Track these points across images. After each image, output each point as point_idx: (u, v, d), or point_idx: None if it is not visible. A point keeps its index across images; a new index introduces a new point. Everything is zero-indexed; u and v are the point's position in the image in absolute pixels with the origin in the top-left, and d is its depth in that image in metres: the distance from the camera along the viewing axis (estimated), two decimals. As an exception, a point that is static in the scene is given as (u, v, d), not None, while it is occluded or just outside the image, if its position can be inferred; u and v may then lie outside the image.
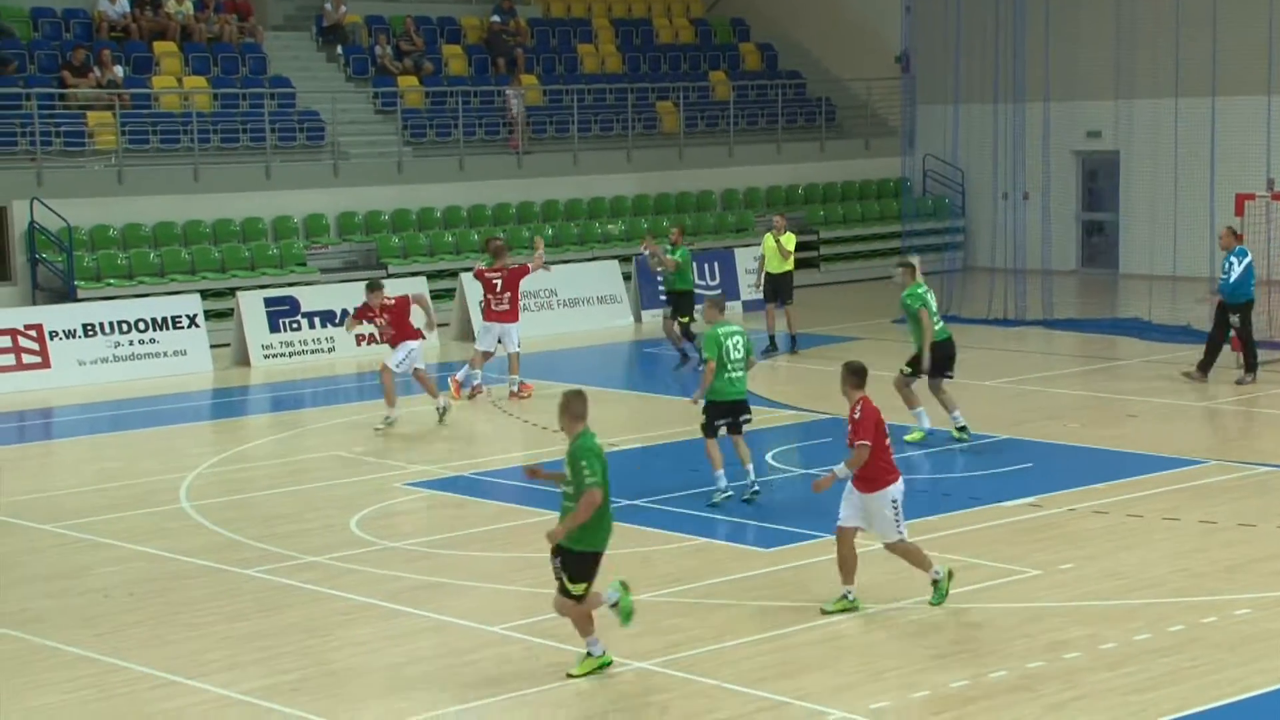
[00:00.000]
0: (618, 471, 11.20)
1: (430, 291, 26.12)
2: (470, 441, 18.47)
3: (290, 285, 26.07)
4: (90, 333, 23.14)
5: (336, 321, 24.91)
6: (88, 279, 25.39)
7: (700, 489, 14.86)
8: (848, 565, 11.27)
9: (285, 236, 27.86)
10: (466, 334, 26.00)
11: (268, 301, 24.75)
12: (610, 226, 30.70)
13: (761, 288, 23.91)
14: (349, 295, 25.62)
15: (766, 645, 10.77)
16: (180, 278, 26.08)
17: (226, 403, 21.89)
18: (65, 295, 25.00)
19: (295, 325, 24.82)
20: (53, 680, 10.35)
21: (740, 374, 14.45)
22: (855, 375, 11.41)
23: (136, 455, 17.87)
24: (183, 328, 23.90)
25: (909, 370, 16.80)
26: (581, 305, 27.40)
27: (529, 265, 20.83)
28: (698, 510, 14.35)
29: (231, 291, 25.40)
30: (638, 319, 27.56)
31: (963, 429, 16.76)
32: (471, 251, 29.05)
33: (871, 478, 11.19)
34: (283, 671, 10.45)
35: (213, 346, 23.97)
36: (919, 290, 16.71)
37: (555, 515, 10.44)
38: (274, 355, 24.28)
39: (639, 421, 18.98)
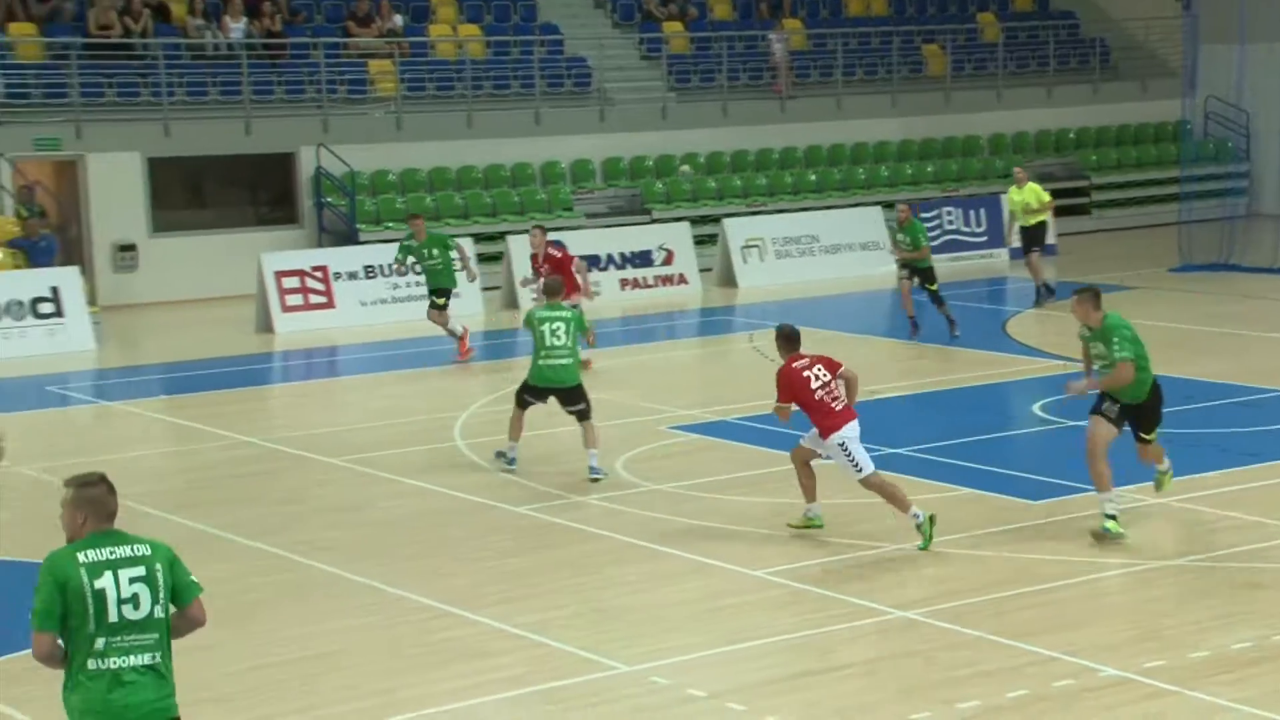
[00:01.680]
0: (882, 421, 11.26)
1: (694, 237, 26.45)
2: (732, 386, 18.68)
3: (557, 229, 26.64)
4: (371, 274, 24.06)
5: (601, 266, 25.38)
6: (368, 222, 26.38)
7: (966, 438, 14.82)
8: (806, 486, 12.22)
9: (553, 181, 28.45)
10: (728, 280, 26.24)
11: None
12: (874, 172, 30.50)
13: (1017, 239, 23.58)
14: (614, 240, 26.08)
15: (1032, 598, 10.73)
16: (454, 221, 26.89)
17: (497, 344, 22.52)
18: (348, 238, 26.05)
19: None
20: (344, 607, 10.94)
21: (565, 360, 14.06)
22: (785, 340, 12.29)
23: (414, 393, 18.60)
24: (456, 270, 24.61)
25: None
26: (843, 251, 27.31)
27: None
28: (964, 460, 14.31)
29: (501, 235, 26.09)
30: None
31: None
32: (734, 197, 29.23)
33: (820, 427, 11.97)
34: (555, 607, 10.85)
35: (483, 289, 24.67)
36: None
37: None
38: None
39: (900, 370, 18.93)
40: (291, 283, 23.47)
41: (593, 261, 25.57)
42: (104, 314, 23.00)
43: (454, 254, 20.36)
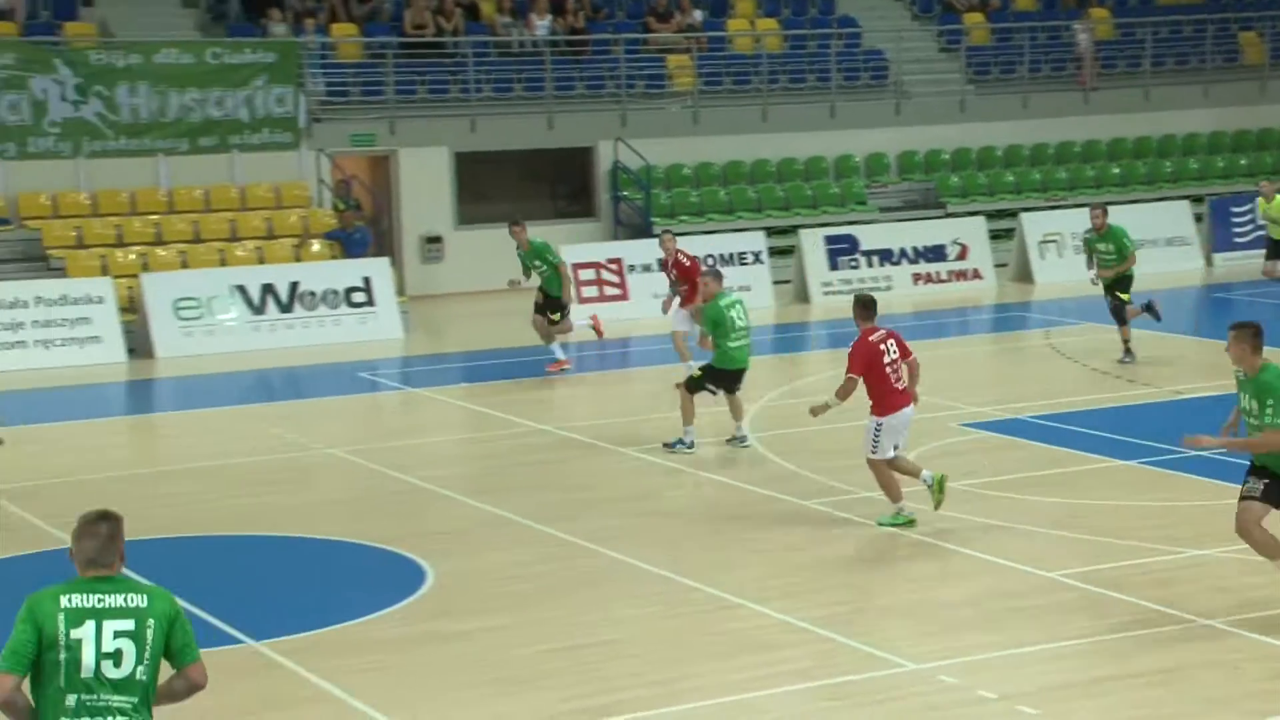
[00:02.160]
0: (1186, 422, 10.91)
1: (990, 231, 25.97)
2: (1027, 384, 18.31)
3: (850, 224, 26.53)
4: (664, 267, 24.33)
5: (894, 260, 25.19)
6: (663, 216, 26.72)
7: None
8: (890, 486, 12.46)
9: (847, 175, 28.32)
10: (1024, 275, 25.71)
11: (828, 239, 25.29)
12: (1182, 165, 29.43)
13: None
14: (907, 234, 25.82)
15: (1342, 613, 10.23)
16: (746, 215, 27.03)
17: (786, 338, 22.56)
18: (642, 231, 26.43)
19: (854, 263, 25.26)
20: (632, 595, 11.13)
21: (748, 341, 15.10)
22: (863, 307, 12.58)
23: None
24: (748, 264, 24.78)
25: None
26: (1147, 247, 26.39)
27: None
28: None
29: (793, 229, 26.10)
30: (1208, 262, 26.40)
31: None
32: (1033, 191, 28.61)
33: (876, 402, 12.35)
34: (841, 602, 10.83)
35: (774, 283, 24.74)
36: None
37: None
38: (833, 293, 24.81)
39: (1209, 370, 18.25)
40: (588, 275, 23.96)
41: (885, 256, 25.40)
42: (411, 303, 23.90)
43: (556, 265, 19.58)
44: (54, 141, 23.82)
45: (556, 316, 19.62)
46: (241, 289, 22.28)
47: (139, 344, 21.69)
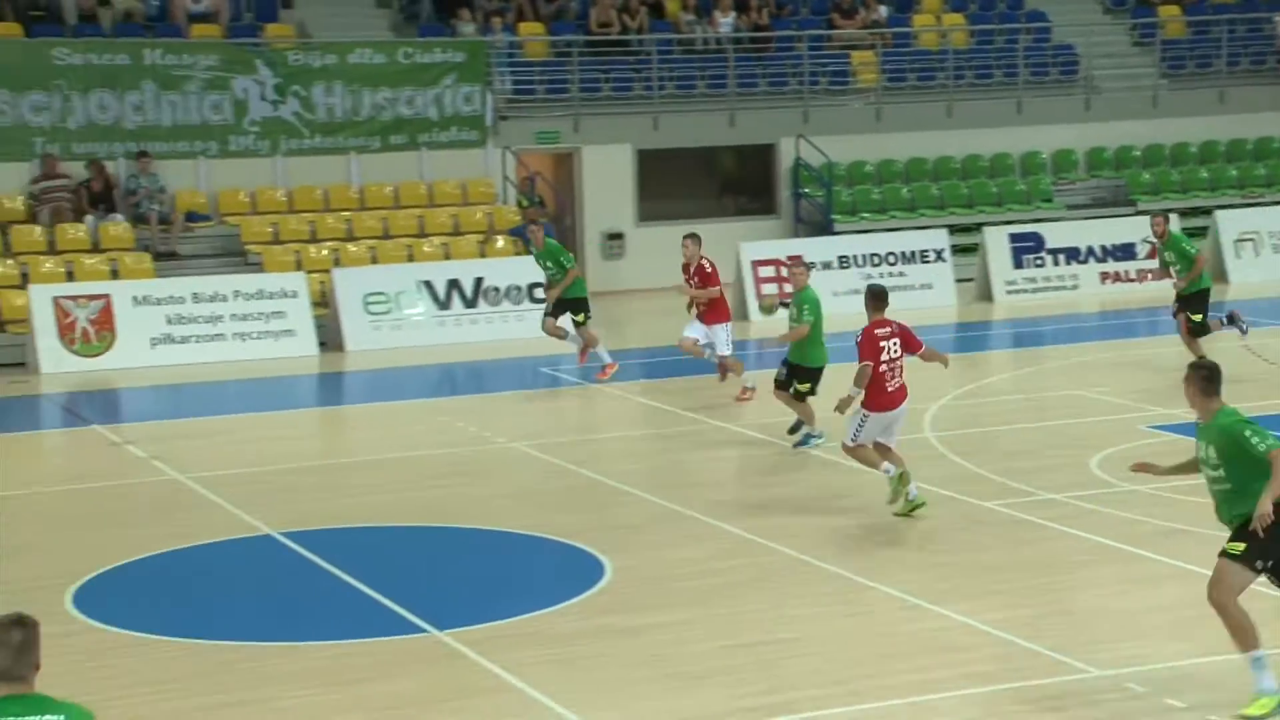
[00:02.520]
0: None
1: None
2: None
3: (1036, 221, 26.10)
4: (844, 264, 24.26)
5: (1080, 259, 24.74)
6: (844, 213, 26.60)
7: None
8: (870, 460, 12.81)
9: (1033, 172, 27.88)
10: (1219, 274, 25.04)
11: (1013, 237, 24.94)
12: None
13: None
14: (1095, 232, 25.33)
15: None
16: (929, 213, 26.76)
17: (968, 337, 22.30)
18: (823, 228, 26.34)
19: (1039, 262, 24.87)
20: (810, 594, 11.11)
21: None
22: (874, 299, 12.87)
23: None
24: (929, 262, 24.56)
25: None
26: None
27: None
28: None
29: (977, 227, 25.77)
30: None
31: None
32: (1229, 188, 27.85)
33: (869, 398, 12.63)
34: (1024, 605, 10.68)
35: (956, 281, 24.46)
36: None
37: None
38: (1016, 291, 24.45)
39: None
40: (767, 271, 23.95)
41: (1071, 254, 24.95)
42: (593, 300, 24.08)
43: (568, 269, 19.06)
44: (253, 140, 24.57)
45: (581, 318, 19.09)
46: (428, 284, 22.72)
47: (330, 337, 22.26)
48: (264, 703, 9.12)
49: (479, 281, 22.91)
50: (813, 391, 15.15)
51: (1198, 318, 17.86)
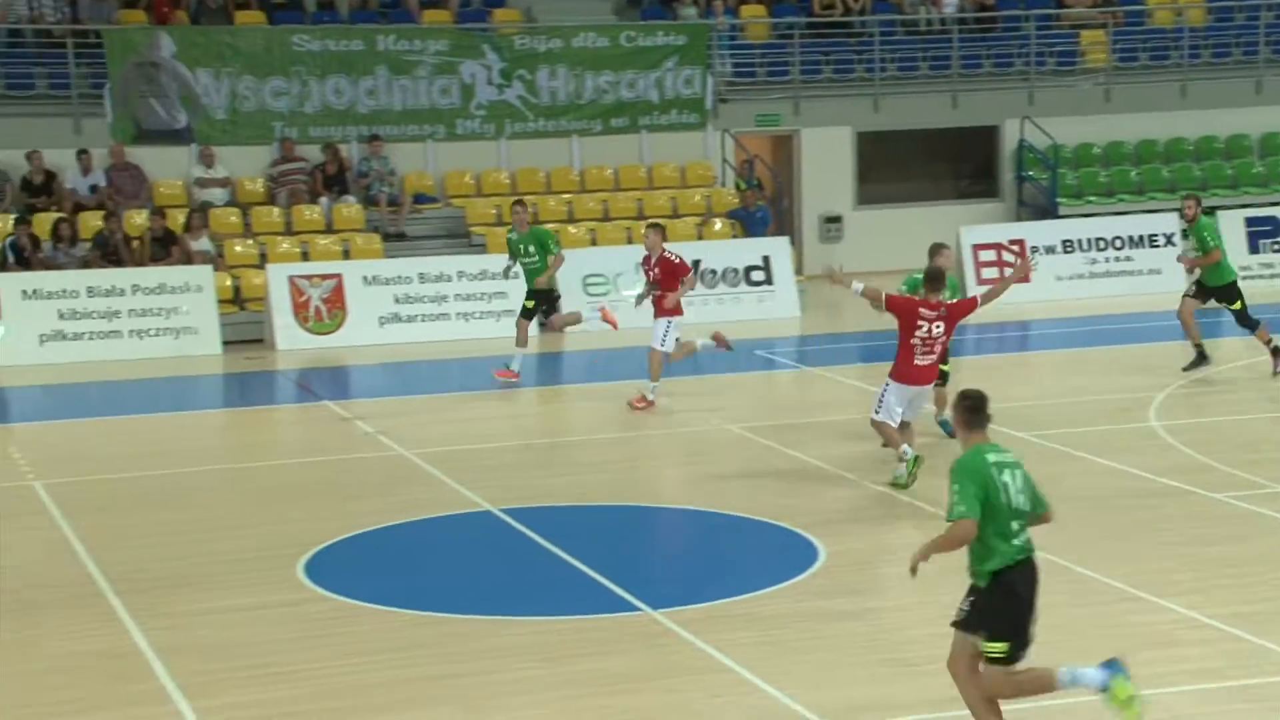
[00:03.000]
0: None
1: None
2: None
3: (1273, 205, 25.18)
4: (1068, 249, 23.75)
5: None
6: (1069, 196, 26.01)
7: None
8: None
9: (1272, 154, 26.90)
10: None
11: (1249, 221, 24.13)
12: None
13: None
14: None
15: None
16: (1159, 196, 26.01)
17: (1201, 324, 21.59)
18: (1047, 212, 25.80)
19: (1277, 246, 24.03)
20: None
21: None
22: (930, 280, 12.99)
23: (1110, 370, 18.21)
24: (1158, 246, 23.92)
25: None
26: None
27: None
28: None
29: (1211, 211, 24.93)
30: None
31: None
32: None
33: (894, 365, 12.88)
34: (1255, 600, 10.34)
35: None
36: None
37: None
38: (1252, 277, 23.65)
39: None
40: (988, 256, 23.56)
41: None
42: (808, 283, 24.03)
43: (554, 256, 18.15)
44: (479, 124, 25.05)
45: (531, 306, 18.25)
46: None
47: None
48: (479, 675, 9.32)
49: (696, 264, 22.93)
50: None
51: (1236, 306, 17.36)
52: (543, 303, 18.65)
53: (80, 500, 13.38)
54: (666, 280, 16.89)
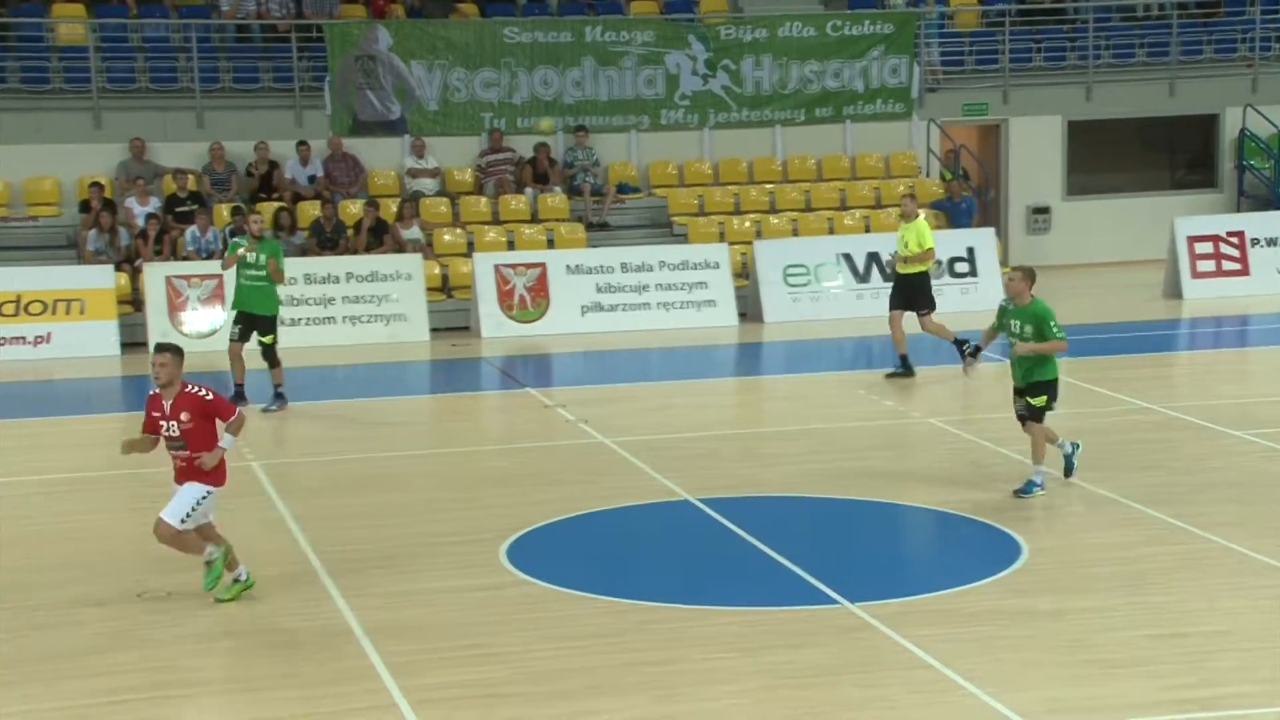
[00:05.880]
0: None
1: None
2: None
3: None
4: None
5: None
6: (1291, 187, 25.13)
7: None
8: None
9: None
10: None
11: None
12: None
13: None
14: None
15: None
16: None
17: None
18: (1269, 203, 24.97)
19: None
20: (1242, 586, 10.60)
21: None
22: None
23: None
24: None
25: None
26: None
27: None
28: None
29: None
30: None
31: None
32: None
33: None
34: None
35: None
36: None
37: None
38: None
39: None
40: (1204, 248, 22.89)
41: None
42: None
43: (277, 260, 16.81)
44: (683, 114, 25.18)
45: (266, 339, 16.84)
46: (847, 257, 22.75)
47: (750, 309, 22.60)
48: (675, 664, 9.39)
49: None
50: None
51: None
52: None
53: (295, 481, 13.82)
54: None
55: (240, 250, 16.94)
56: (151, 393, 10.32)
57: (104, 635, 9.88)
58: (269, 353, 16.85)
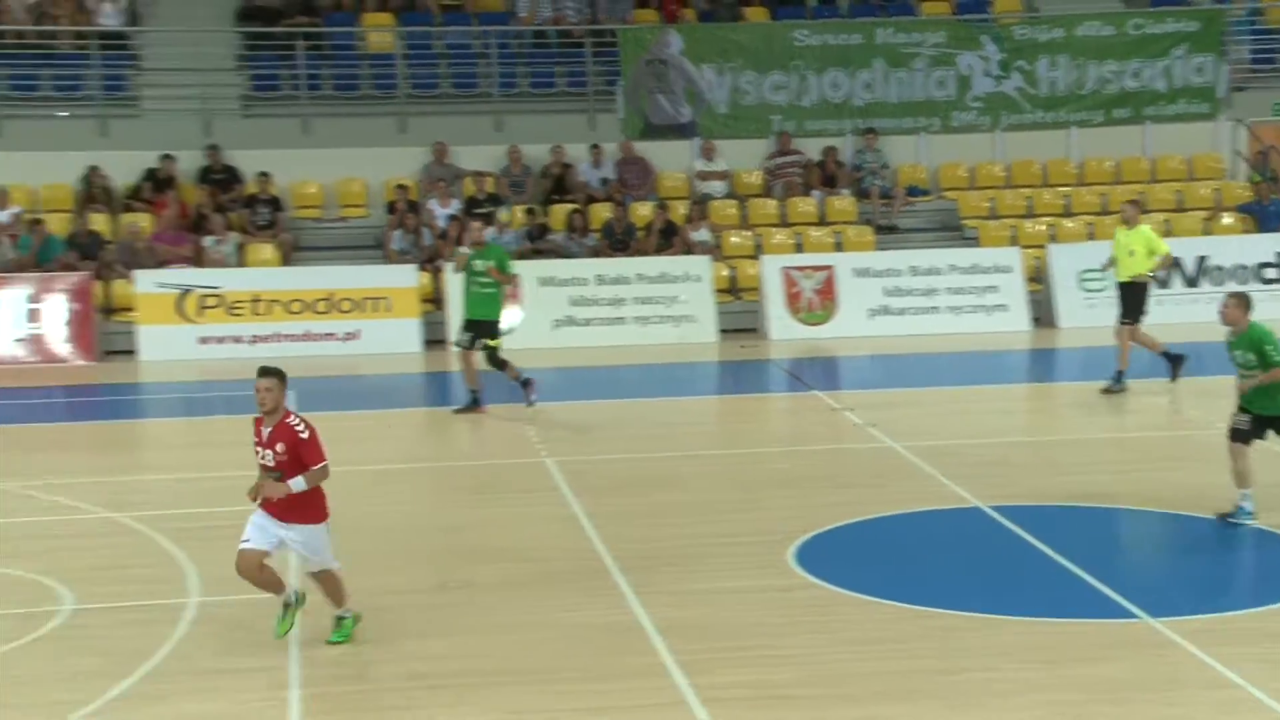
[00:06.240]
0: None
1: None
2: None
3: None
4: None
5: None
6: None
7: None
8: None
9: None
10: None
11: None
12: None
13: None
14: None
15: None
16: None
17: None
18: None
19: None
20: None
21: None
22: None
23: None
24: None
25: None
26: None
27: None
28: None
29: None
30: None
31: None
32: None
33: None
34: None
35: None
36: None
37: None
38: None
39: None
40: None
41: None
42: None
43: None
44: (975, 115, 24.82)
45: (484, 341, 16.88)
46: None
47: (1043, 313, 22.13)
48: (966, 673, 9.27)
49: (1202, 260, 22.02)
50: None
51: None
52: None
53: (587, 479, 14.10)
54: None
55: (464, 255, 16.95)
56: (256, 417, 9.70)
57: (411, 623, 10.26)
58: (493, 357, 16.97)
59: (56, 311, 21.04)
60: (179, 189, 23.07)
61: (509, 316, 21.57)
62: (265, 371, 9.60)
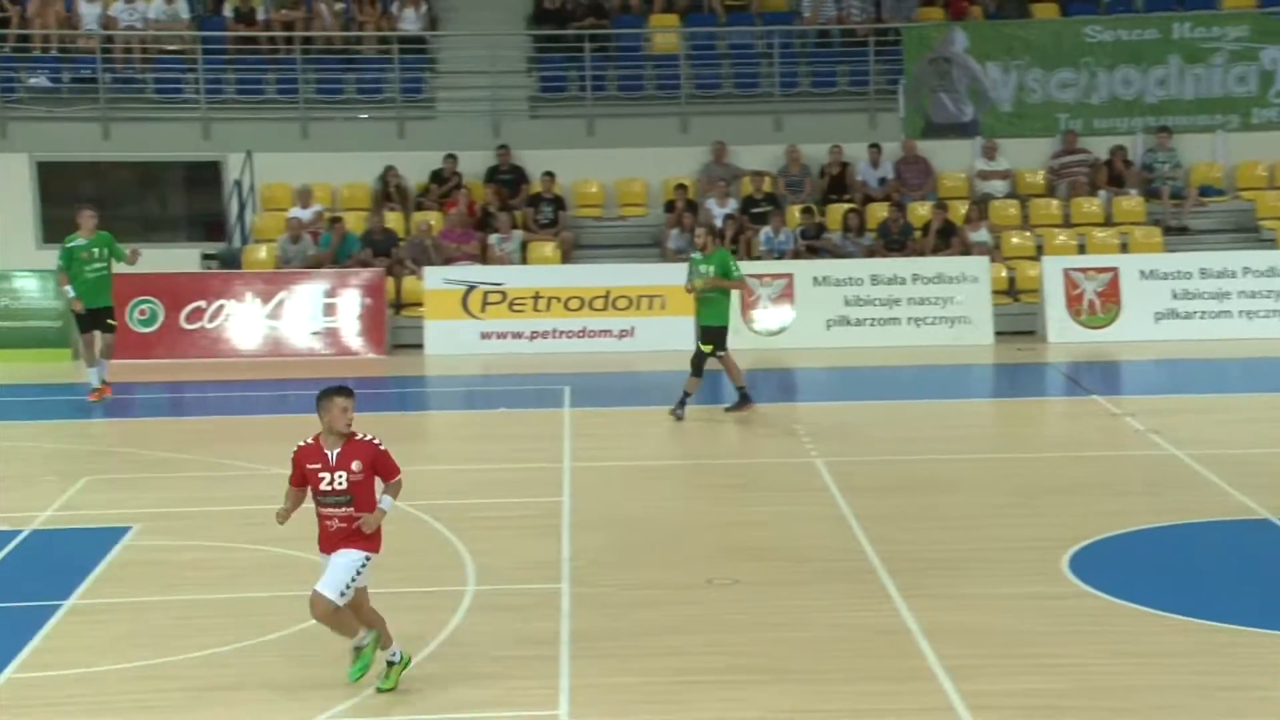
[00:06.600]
0: None
1: None
2: None
3: None
4: None
5: None
6: None
7: None
8: None
9: None
10: None
11: None
12: None
13: None
14: None
15: None
16: None
17: None
18: None
19: None
20: None
21: None
22: None
23: None
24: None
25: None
26: None
27: None
28: None
29: None
30: None
31: None
32: None
33: None
34: None
35: None
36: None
37: None
38: None
39: None
40: None
41: None
42: None
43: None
44: (1277, 113, 23.85)
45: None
46: None
47: (1349, 320, 21.12)
48: (1252, 690, 8.95)
49: None
50: None
51: None
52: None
53: (855, 478, 14.04)
54: None
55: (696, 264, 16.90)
56: (303, 443, 9.05)
57: (676, 618, 10.40)
58: (701, 360, 16.77)
59: (350, 306, 21.90)
60: (467, 188, 23.78)
61: (779, 315, 21.67)
62: (344, 391, 9.08)
